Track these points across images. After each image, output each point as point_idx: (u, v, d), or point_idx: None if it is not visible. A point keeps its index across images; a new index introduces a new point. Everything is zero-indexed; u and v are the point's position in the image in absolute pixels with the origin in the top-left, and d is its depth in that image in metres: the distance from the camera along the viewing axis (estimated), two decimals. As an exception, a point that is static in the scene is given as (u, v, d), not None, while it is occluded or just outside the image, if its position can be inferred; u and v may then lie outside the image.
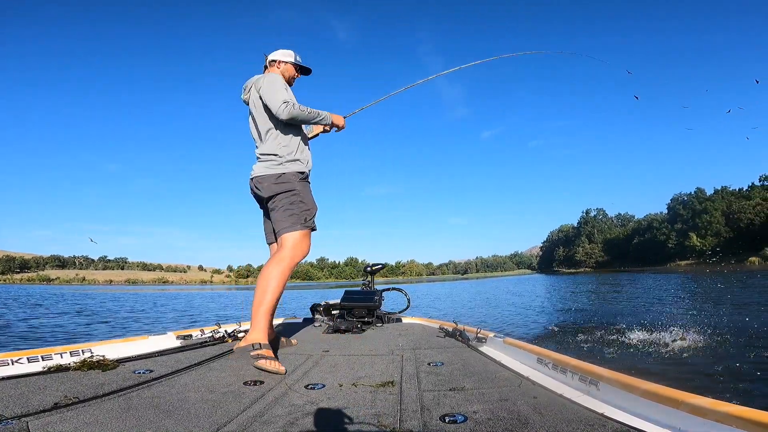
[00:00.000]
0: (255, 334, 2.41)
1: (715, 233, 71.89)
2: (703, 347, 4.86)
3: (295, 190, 2.68)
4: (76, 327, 9.60)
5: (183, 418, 1.42)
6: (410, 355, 2.49)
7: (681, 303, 10.61)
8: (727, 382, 3.41)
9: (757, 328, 5.76)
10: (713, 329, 5.72)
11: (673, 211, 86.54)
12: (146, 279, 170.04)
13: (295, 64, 2.99)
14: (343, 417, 1.46)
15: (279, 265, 2.54)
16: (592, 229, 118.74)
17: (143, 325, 10.28)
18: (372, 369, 2.18)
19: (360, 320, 3.70)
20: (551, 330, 7.39)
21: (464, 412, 1.45)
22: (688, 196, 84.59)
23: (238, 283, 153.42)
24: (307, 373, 2.11)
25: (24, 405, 1.44)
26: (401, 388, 1.78)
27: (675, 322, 6.37)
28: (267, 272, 2.53)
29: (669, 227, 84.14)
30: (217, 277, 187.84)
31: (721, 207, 73.97)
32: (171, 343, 2.88)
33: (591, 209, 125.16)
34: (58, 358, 2.15)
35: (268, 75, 2.80)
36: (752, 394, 3.07)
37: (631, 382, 1.43)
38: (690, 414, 1.17)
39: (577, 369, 1.74)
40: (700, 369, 3.89)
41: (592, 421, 1.32)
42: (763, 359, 4.08)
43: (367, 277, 4.31)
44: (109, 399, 1.59)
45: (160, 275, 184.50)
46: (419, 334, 3.27)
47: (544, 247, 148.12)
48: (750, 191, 74.59)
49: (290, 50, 3.00)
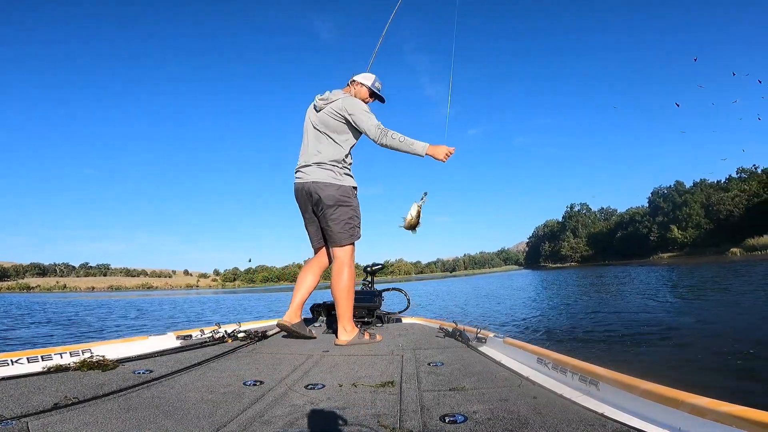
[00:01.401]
0: (352, 327, 2.95)
1: (696, 225, 73.47)
2: (700, 345, 4.87)
3: (353, 205, 2.98)
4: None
5: (183, 418, 1.42)
6: (410, 356, 2.49)
7: (675, 297, 10.72)
8: (727, 382, 3.41)
9: (751, 323, 5.82)
10: (708, 325, 5.79)
11: (654, 204, 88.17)
12: (130, 285, 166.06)
13: (370, 88, 3.14)
14: (343, 417, 1.46)
15: (348, 274, 2.96)
16: (577, 223, 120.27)
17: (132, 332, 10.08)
18: (372, 369, 2.18)
19: (360, 320, 3.70)
20: (547, 329, 7.43)
21: (464, 412, 1.46)
22: (668, 189, 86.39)
23: (225, 287, 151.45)
24: (307, 373, 2.11)
25: (24, 405, 1.44)
26: (401, 389, 1.79)
27: (664, 318, 6.45)
28: (342, 283, 2.93)
29: (651, 220, 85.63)
30: (204, 281, 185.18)
31: (700, 199, 75.59)
32: (171, 343, 2.90)
33: (575, 204, 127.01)
34: (57, 358, 2.16)
35: (350, 97, 2.99)
36: (752, 394, 3.10)
37: (631, 382, 1.43)
38: (690, 414, 1.18)
39: (577, 369, 1.75)
40: (699, 369, 3.89)
41: (592, 421, 1.33)
42: (763, 359, 4.09)
43: (367, 278, 4.31)
44: (109, 399, 1.59)
45: (145, 281, 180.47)
46: (419, 334, 3.29)
47: (530, 242, 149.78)
48: (728, 183, 76.44)
49: (372, 75, 3.17)
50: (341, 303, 2.92)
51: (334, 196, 2.89)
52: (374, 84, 3.14)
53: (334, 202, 2.90)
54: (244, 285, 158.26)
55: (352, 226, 2.94)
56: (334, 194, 2.89)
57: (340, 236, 2.92)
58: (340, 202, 2.90)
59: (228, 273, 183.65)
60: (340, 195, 2.90)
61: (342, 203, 2.91)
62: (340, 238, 2.92)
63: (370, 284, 4.26)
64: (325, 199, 2.90)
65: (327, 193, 2.89)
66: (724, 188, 75.48)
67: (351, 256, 2.98)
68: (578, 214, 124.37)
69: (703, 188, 79.23)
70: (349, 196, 2.95)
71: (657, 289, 13.46)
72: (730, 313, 7.06)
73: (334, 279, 2.97)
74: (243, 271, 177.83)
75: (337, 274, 2.95)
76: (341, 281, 2.92)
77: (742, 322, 6.12)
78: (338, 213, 2.90)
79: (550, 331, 7.20)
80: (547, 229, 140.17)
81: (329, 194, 2.89)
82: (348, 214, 2.92)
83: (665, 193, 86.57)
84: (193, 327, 3.38)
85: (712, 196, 74.11)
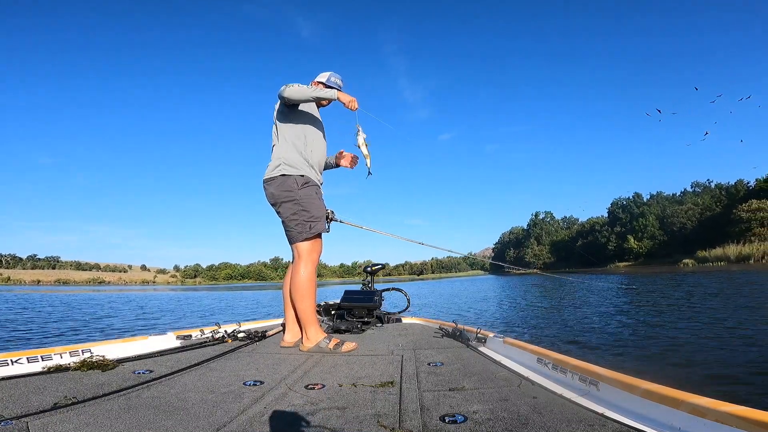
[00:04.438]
0: (314, 332, 2.76)
1: (651, 236, 76.87)
2: (697, 346, 4.96)
3: (296, 198, 2.75)
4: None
5: (183, 418, 1.42)
6: (410, 355, 2.51)
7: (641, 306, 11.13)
8: (727, 381, 3.45)
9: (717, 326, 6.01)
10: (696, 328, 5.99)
11: (613, 214, 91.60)
12: (79, 279, 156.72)
13: (325, 84, 3.03)
14: (343, 417, 1.47)
15: (304, 273, 2.76)
16: (541, 231, 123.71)
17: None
18: (372, 369, 2.19)
19: (360, 320, 3.71)
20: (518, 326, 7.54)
21: (464, 412, 1.48)
22: (626, 201, 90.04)
23: (185, 284, 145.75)
24: (307, 373, 2.11)
25: (24, 405, 1.45)
26: (401, 389, 1.80)
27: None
28: (298, 282, 2.75)
29: (609, 230, 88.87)
30: (162, 277, 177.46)
31: (656, 211, 79.24)
32: (171, 343, 2.90)
33: (540, 212, 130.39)
34: (57, 358, 2.17)
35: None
36: (752, 394, 3.13)
37: (631, 382, 1.46)
38: (690, 414, 1.20)
39: (577, 369, 1.78)
40: (699, 368, 3.94)
41: (592, 421, 1.35)
42: (763, 358, 4.16)
43: (366, 278, 4.31)
44: (109, 399, 1.60)
45: (96, 275, 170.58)
46: (419, 334, 3.31)
47: (496, 248, 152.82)
48: (683, 196, 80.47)
49: (328, 72, 3.07)
50: (297, 305, 2.76)
51: (273, 193, 2.78)
52: (329, 79, 3.04)
53: (275, 201, 2.79)
54: (205, 282, 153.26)
55: (299, 221, 2.74)
56: (273, 192, 2.78)
57: (291, 233, 2.79)
58: (281, 199, 2.76)
59: (189, 269, 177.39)
60: (280, 191, 2.75)
61: (284, 199, 2.75)
62: (291, 235, 2.80)
63: (369, 284, 4.25)
64: (268, 197, 2.83)
65: (268, 192, 2.81)
66: (678, 201, 79.34)
67: (308, 253, 2.77)
68: (542, 221, 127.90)
69: (659, 200, 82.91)
70: (291, 190, 2.74)
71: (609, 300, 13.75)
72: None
73: (291, 280, 2.82)
74: (205, 268, 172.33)
75: (293, 274, 2.80)
76: (295, 281, 2.76)
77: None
78: (282, 210, 2.78)
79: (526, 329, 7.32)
80: (513, 235, 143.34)
81: (270, 193, 2.80)
82: (291, 209, 2.75)
83: (624, 204, 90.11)
84: (209, 325, 3.41)
85: (667, 208, 77.77)
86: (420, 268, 36.80)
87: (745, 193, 64.73)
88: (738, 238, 53.33)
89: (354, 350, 2.72)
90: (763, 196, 56.98)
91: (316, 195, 2.85)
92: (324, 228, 2.84)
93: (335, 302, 3.97)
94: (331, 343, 2.73)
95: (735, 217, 57.08)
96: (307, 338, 2.75)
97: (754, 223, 54.18)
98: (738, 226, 55.46)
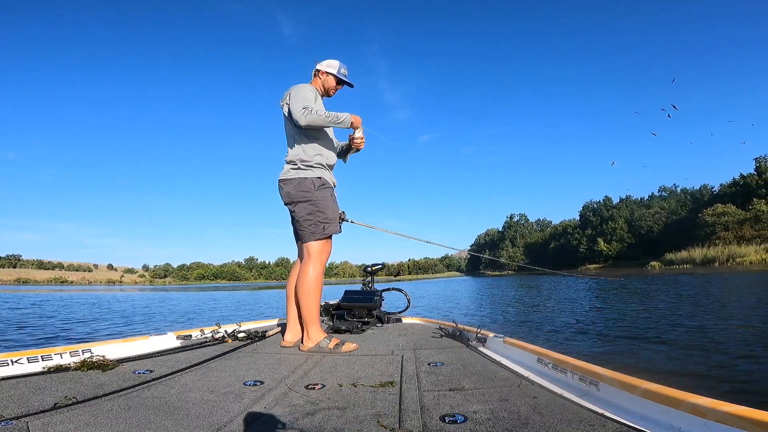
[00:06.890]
0: (316, 332, 2.79)
1: (620, 239, 79.38)
2: (695, 346, 4.95)
3: (312, 199, 2.81)
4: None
5: (183, 418, 1.42)
6: (410, 355, 2.52)
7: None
8: (727, 382, 3.46)
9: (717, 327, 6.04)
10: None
11: (584, 217, 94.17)
12: (41, 279, 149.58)
13: (336, 76, 3.02)
14: (343, 417, 1.47)
15: (312, 273, 2.80)
16: (515, 233, 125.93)
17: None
18: (372, 369, 2.19)
19: (360, 320, 3.70)
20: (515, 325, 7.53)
21: (464, 412, 1.48)
22: (597, 204, 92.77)
23: (154, 284, 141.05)
24: (307, 373, 2.11)
25: (24, 405, 1.44)
26: (401, 388, 1.81)
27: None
28: (305, 281, 2.80)
29: (580, 233, 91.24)
30: (129, 277, 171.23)
31: (624, 215, 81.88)
32: (171, 343, 2.90)
33: (515, 214, 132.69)
34: (57, 358, 2.16)
35: (296, 86, 2.85)
36: (752, 394, 3.15)
37: (631, 382, 1.48)
38: (690, 414, 1.21)
39: (577, 369, 1.80)
40: (698, 368, 3.92)
41: (592, 421, 1.36)
42: (763, 358, 4.18)
43: (366, 278, 4.29)
44: (109, 399, 1.59)
45: (59, 274, 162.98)
46: (419, 334, 3.32)
47: (472, 250, 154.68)
48: (650, 200, 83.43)
49: (336, 61, 3.03)
50: (302, 304, 2.81)
51: (290, 193, 2.84)
52: (340, 71, 3.03)
53: (290, 200, 2.86)
54: (176, 282, 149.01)
55: (314, 222, 2.81)
56: (290, 191, 2.84)
57: (303, 233, 2.84)
58: (297, 199, 2.82)
59: (158, 269, 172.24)
60: (297, 191, 2.82)
61: (300, 199, 2.82)
62: (303, 234, 2.85)
63: (369, 284, 4.24)
64: (284, 197, 2.89)
65: (284, 191, 2.88)
66: (646, 205, 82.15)
67: (318, 254, 2.84)
68: (517, 224, 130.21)
69: (628, 204, 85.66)
70: (308, 191, 2.82)
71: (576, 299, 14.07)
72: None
73: (298, 278, 2.87)
74: (176, 268, 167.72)
75: (301, 273, 2.85)
76: (303, 281, 2.81)
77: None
78: (298, 209, 2.84)
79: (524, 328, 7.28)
80: (488, 237, 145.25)
81: (286, 192, 2.86)
82: (307, 209, 2.81)
83: (595, 207, 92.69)
84: (209, 325, 3.39)
85: (635, 211, 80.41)
86: (397, 269, 37.17)
87: (710, 197, 67.36)
88: (703, 242, 54.91)
89: (354, 350, 2.76)
90: (727, 201, 59.08)
91: (331, 197, 2.92)
92: (337, 230, 2.90)
93: (335, 302, 3.95)
94: (331, 343, 2.76)
95: (700, 221, 58.96)
96: (308, 337, 2.79)
97: (718, 226, 55.87)
98: (703, 230, 57.28)
